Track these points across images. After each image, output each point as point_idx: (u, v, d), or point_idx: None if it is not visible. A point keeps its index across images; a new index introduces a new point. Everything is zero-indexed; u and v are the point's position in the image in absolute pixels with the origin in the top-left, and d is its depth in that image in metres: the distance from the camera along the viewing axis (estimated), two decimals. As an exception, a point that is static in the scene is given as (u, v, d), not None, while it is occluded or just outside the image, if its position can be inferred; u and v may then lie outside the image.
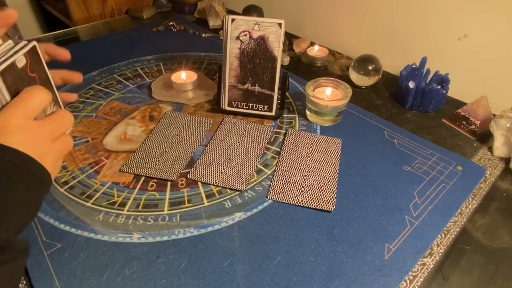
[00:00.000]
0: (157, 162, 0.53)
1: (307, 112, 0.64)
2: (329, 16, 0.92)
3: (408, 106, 0.68)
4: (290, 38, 0.92)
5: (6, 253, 0.27)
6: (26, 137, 0.30)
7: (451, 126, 0.64)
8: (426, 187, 0.50)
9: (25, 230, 0.42)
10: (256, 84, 0.62)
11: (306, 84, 0.62)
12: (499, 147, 0.57)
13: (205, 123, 0.62)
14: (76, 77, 0.44)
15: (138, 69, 0.79)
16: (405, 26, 0.78)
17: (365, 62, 0.72)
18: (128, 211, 0.46)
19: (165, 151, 0.55)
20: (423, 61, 0.69)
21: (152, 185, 0.50)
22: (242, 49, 0.60)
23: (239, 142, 0.58)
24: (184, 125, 0.61)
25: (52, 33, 0.98)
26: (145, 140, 0.57)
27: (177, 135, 0.59)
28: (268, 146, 0.58)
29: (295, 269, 0.40)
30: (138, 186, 0.50)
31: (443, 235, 0.44)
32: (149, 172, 0.51)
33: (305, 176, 0.51)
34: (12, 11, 0.33)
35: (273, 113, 0.63)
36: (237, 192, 0.49)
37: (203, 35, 0.96)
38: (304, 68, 0.82)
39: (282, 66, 0.64)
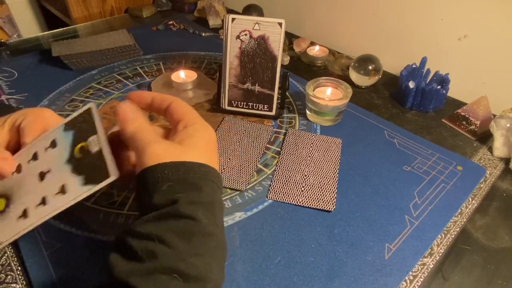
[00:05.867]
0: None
1: (307, 111, 0.64)
2: (329, 16, 0.92)
3: (408, 106, 0.68)
4: (290, 38, 0.92)
5: None
6: None
7: (451, 126, 0.64)
8: (426, 187, 0.50)
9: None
10: (256, 84, 0.62)
11: (306, 84, 0.62)
12: (499, 147, 0.57)
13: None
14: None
15: (138, 68, 0.79)
16: (405, 26, 0.78)
17: (365, 62, 0.72)
18: (128, 211, 0.46)
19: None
20: (423, 61, 0.69)
21: (152, 185, 0.50)
22: (242, 49, 0.60)
23: (239, 141, 0.58)
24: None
25: (51, 31, 0.98)
26: None
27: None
28: (268, 145, 0.58)
29: (295, 269, 0.40)
30: (138, 186, 0.50)
31: (443, 235, 0.44)
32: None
33: (305, 176, 0.51)
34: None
35: (273, 113, 0.63)
36: (237, 192, 0.49)
37: (203, 34, 0.96)
38: (304, 68, 0.82)
39: (282, 65, 0.64)
